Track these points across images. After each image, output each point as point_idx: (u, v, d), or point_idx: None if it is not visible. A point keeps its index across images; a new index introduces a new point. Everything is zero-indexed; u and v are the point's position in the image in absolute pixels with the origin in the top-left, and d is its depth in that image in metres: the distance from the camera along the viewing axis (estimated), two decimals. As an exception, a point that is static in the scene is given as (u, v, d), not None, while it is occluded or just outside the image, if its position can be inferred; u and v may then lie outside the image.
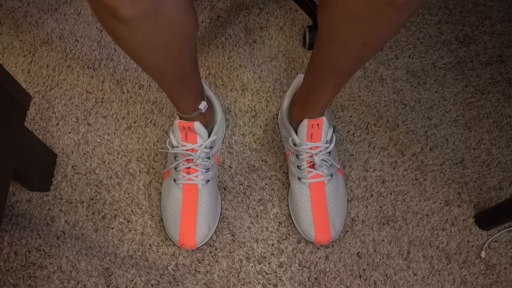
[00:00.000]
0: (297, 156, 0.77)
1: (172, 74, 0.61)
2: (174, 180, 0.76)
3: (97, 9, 0.47)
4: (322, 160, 0.75)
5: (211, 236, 0.79)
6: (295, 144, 0.76)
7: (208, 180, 0.77)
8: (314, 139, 0.74)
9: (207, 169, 0.76)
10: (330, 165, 0.77)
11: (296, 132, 0.76)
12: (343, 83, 0.66)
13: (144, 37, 0.51)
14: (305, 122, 0.72)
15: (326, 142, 0.75)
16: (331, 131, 0.75)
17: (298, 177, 0.77)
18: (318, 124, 0.72)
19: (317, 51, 0.63)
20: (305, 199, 0.76)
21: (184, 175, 0.75)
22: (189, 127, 0.71)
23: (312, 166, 0.76)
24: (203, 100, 0.72)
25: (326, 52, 0.59)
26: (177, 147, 0.74)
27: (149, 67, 0.58)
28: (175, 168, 0.76)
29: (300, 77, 0.81)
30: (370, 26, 0.50)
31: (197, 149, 0.73)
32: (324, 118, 0.72)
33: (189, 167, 0.75)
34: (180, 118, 0.74)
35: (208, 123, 0.78)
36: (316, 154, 0.74)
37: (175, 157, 0.76)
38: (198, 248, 0.78)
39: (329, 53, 0.59)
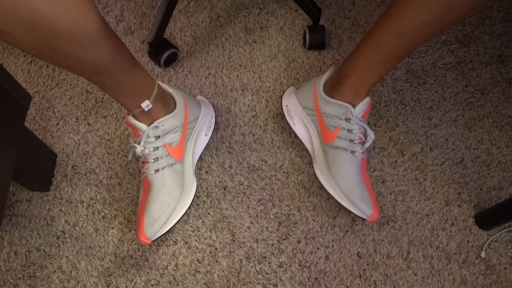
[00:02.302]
0: (349, 130, 0.76)
1: (73, 68, 0.59)
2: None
3: None
4: (368, 140, 0.78)
5: (172, 228, 0.76)
6: (349, 119, 0.76)
7: (158, 170, 0.75)
8: (364, 117, 0.77)
9: (155, 159, 0.75)
10: (367, 148, 0.79)
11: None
12: (406, 56, 0.69)
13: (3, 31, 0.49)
14: (367, 100, 0.75)
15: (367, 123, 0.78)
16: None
17: (351, 151, 0.76)
18: (372, 105, 0.75)
19: (390, 17, 0.63)
20: (359, 173, 0.76)
21: (140, 170, 0.77)
22: (127, 122, 0.73)
23: (361, 143, 0.77)
24: (148, 99, 0.70)
25: (404, 17, 0.60)
26: (133, 144, 0.76)
27: (36, 56, 0.57)
28: (139, 169, 0.77)
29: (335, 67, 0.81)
30: None
31: (140, 141, 0.74)
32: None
33: (143, 162, 0.76)
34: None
35: (155, 120, 0.75)
36: (367, 129, 0.77)
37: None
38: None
39: (407, 18, 0.60)
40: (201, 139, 0.84)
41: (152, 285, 0.76)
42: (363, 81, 0.73)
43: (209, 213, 0.81)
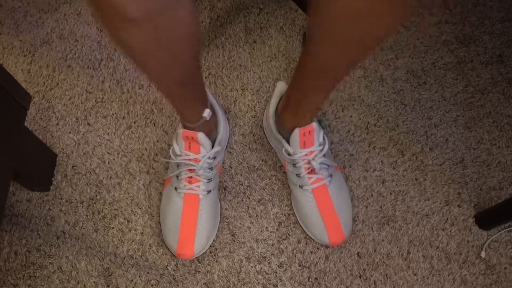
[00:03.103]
0: (293, 165, 0.76)
1: (176, 79, 0.60)
2: (175, 189, 0.76)
3: (103, 10, 0.46)
4: (321, 163, 0.75)
5: (210, 245, 0.79)
6: (289, 154, 0.75)
7: (210, 191, 0.76)
8: (307, 145, 0.73)
9: (209, 180, 0.76)
10: (328, 165, 0.76)
11: (288, 141, 0.75)
12: (335, 87, 0.66)
13: (151, 39, 0.50)
14: (296, 132, 0.72)
15: (320, 145, 0.74)
16: (322, 133, 0.74)
17: (299, 185, 0.77)
18: (309, 132, 0.72)
19: (308, 56, 0.61)
20: (311, 205, 0.76)
21: (185, 184, 0.75)
22: (192, 137, 0.70)
23: (311, 171, 0.75)
24: (207, 108, 0.71)
25: (320, 55, 0.58)
26: (180, 156, 0.73)
27: (153, 72, 0.57)
28: (177, 177, 0.76)
29: (281, 84, 0.81)
30: (366, 25, 0.49)
31: (200, 160, 0.73)
32: (314, 124, 0.71)
33: (191, 177, 0.74)
34: (184, 127, 0.73)
35: (212, 132, 0.76)
36: (313, 159, 0.74)
37: (178, 165, 0.75)
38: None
39: (323, 56, 0.57)
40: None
41: (152, 285, 0.76)
42: (299, 106, 0.72)
43: (209, 213, 0.81)
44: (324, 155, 0.76)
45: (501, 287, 0.77)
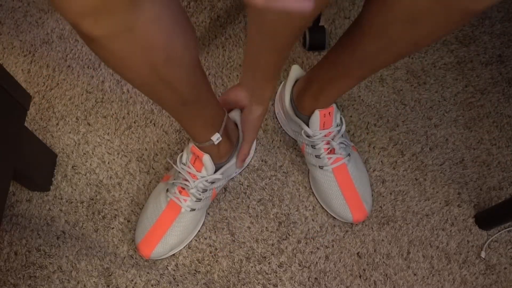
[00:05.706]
0: (313, 146, 0.77)
1: (167, 99, 0.57)
2: (167, 190, 0.76)
3: (71, 23, 0.43)
4: (340, 143, 0.76)
5: (173, 255, 0.78)
6: (308, 136, 0.76)
7: (194, 209, 0.75)
8: (327, 126, 0.75)
9: (198, 200, 0.74)
10: (346, 145, 0.78)
11: (307, 124, 0.76)
12: (368, 76, 0.68)
13: (119, 57, 0.47)
14: (316, 113, 0.73)
15: (337, 125, 0.76)
16: (339, 114, 0.76)
17: (319, 166, 0.78)
18: (329, 113, 0.73)
19: (354, 47, 0.61)
20: (332, 185, 0.77)
21: (176, 192, 0.74)
22: (198, 156, 0.69)
23: (331, 151, 0.76)
24: (218, 132, 0.67)
25: (369, 49, 0.59)
26: (184, 164, 0.73)
27: (138, 88, 0.55)
28: (173, 181, 0.75)
29: (296, 68, 0.81)
30: (429, 28, 0.51)
31: (198, 178, 0.72)
32: (334, 106, 0.73)
33: (183, 188, 0.74)
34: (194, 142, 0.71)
35: (222, 158, 0.73)
36: (332, 139, 0.75)
37: (178, 171, 0.75)
38: (153, 255, 0.76)
39: (373, 50, 0.59)
40: None
41: (152, 285, 0.77)
42: (323, 91, 0.72)
43: (208, 213, 0.81)
44: (342, 135, 0.77)
45: (501, 287, 0.77)
